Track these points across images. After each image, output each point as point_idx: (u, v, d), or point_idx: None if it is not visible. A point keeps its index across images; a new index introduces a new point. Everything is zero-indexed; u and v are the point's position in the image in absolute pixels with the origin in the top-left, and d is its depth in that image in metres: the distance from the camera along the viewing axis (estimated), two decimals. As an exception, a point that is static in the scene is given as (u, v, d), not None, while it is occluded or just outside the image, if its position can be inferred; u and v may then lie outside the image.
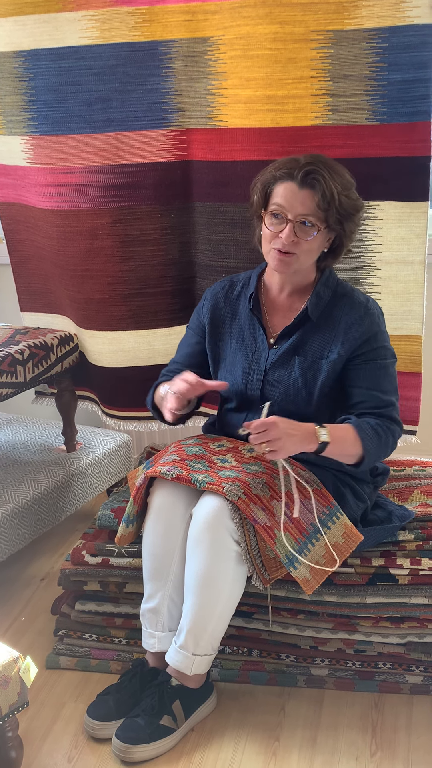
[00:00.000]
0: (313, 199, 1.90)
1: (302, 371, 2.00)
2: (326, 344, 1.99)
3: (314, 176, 1.90)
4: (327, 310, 2.01)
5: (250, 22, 2.12)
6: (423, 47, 2.04)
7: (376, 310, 2.02)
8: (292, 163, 1.94)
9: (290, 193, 1.92)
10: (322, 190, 1.89)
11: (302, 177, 1.90)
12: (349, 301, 2.01)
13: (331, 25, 2.08)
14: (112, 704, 1.93)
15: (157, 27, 2.21)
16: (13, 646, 1.77)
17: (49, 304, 2.73)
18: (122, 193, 2.37)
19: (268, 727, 1.95)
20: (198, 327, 2.17)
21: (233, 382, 2.07)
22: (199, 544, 1.86)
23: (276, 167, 1.96)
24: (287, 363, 2.02)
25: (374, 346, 1.98)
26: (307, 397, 2.00)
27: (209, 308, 2.14)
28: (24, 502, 2.39)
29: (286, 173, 1.93)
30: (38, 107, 2.37)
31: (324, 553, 1.89)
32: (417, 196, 2.17)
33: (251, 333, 2.08)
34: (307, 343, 2.01)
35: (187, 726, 1.92)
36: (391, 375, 2.01)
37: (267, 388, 2.03)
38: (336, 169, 1.94)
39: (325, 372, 1.98)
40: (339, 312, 2.00)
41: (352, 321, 1.98)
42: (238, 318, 2.10)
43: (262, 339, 2.06)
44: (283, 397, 2.01)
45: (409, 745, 1.89)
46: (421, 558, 2.02)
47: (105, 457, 2.72)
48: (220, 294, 2.14)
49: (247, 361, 2.06)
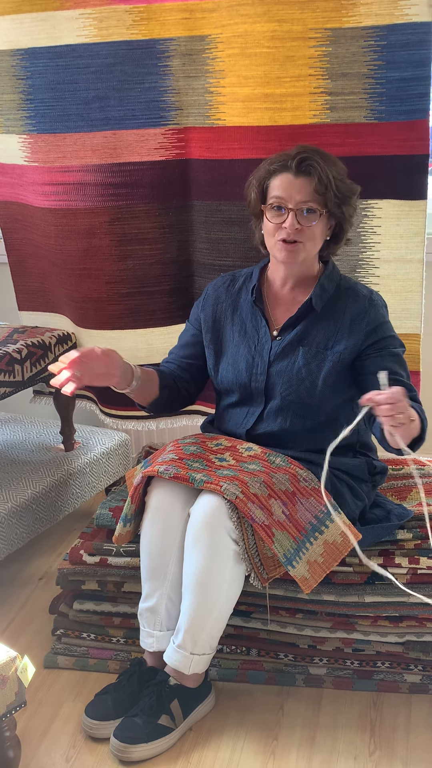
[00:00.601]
0: (310, 185, 1.92)
1: (306, 361, 2.00)
2: (331, 335, 2.00)
3: (308, 162, 1.92)
4: (331, 301, 2.02)
5: (248, 20, 2.12)
6: (421, 45, 2.04)
7: (380, 301, 2.03)
8: (283, 156, 1.97)
9: (287, 183, 1.94)
10: (318, 174, 1.92)
11: (297, 165, 1.93)
12: (353, 293, 2.02)
13: (330, 23, 2.08)
14: (110, 704, 1.92)
15: (155, 25, 2.21)
16: (11, 646, 1.76)
17: (47, 303, 2.73)
18: (120, 192, 2.37)
19: (266, 726, 1.95)
20: (196, 321, 2.18)
21: (236, 375, 2.07)
22: (197, 544, 1.86)
23: (269, 162, 1.99)
24: (291, 354, 2.02)
25: (383, 335, 1.99)
26: (311, 387, 2.00)
27: (210, 303, 2.14)
28: (22, 501, 2.39)
29: (280, 165, 1.95)
30: (36, 106, 2.37)
31: (322, 551, 1.89)
32: (415, 195, 2.17)
33: (253, 325, 2.08)
34: (311, 334, 2.02)
35: (185, 725, 1.92)
36: (404, 363, 2.01)
37: (271, 380, 2.03)
38: (328, 156, 1.98)
39: (330, 363, 1.98)
40: (343, 304, 2.01)
41: (357, 312, 1.99)
42: (239, 311, 2.10)
43: (264, 331, 2.06)
44: (287, 387, 2.01)
45: (408, 744, 1.88)
46: (420, 557, 2.01)
47: (103, 457, 2.72)
48: (221, 288, 2.15)
49: (250, 353, 2.06)
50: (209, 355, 2.14)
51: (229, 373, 2.08)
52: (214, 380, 2.15)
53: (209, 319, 2.14)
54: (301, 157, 1.93)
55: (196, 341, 2.17)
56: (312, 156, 1.94)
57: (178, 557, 1.93)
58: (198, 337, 2.16)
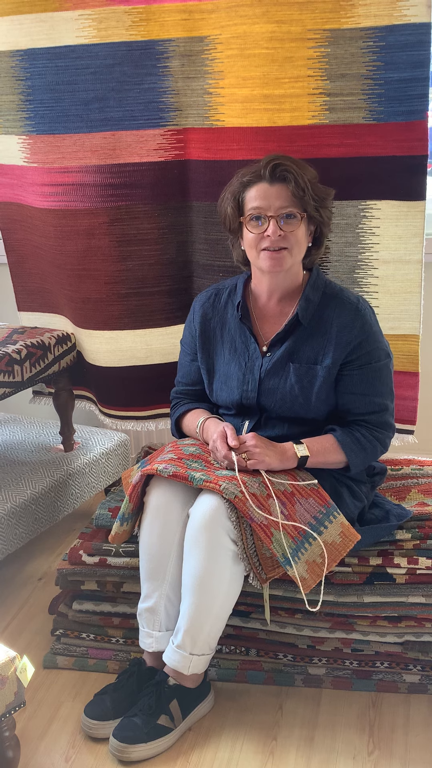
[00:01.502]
0: (287, 190, 1.93)
1: (298, 378, 2.00)
2: (320, 349, 1.99)
3: (283, 168, 1.93)
4: (318, 312, 2.01)
5: (247, 21, 2.12)
6: (420, 46, 2.04)
7: (368, 309, 2.02)
8: (254, 167, 1.97)
9: (264, 192, 1.94)
10: (294, 179, 1.92)
11: (270, 173, 1.93)
12: (339, 302, 2.01)
13: (328, 24, 2.08)
14: (110, 704, 1.92)
15: (154, 26, 2.21)
16: (10, 646, 1.77)
17: (46, 304, 2.73)
18: (119, 193, 2.37)
19: (265, 726, 1.95)
20: (190, 343, 2.17)
21: (229, 393, 2.07)
22: (196, 544, 1.86)
23: (241, 175, 1.99)
24: (282, 370, 2.02)
25: (367, 349, 1.98)
26: (304, 403, 2.00)
27: (199, 320, 2.13)
28: (21, 501, 2.39)
29: (254, 176, 1.96)
30: (35, 106, 2.37)
31: (321, 552, 1.89)
32: (414, 195, 2.17)
33: (243, 342, 2.07)
34: (301, 349, 2.01)
35: (184, 725, 1.92)
36: (385, 377, 2.01)
37: (263, 397, 2.03)
38: (299, 161, 1.98)
39: (321, 378, 1.99)
40: (330, 314, 2.00)
41: (344, 324, 1.98)
42: (228, 327, 2.10)
43: (254, 347, 2.05)
44: (281, 404, 2.01)
45: (407, 744, 1.89)
46: (419, 557, 2.01)
47: (102, 457, 2.72)
48: (207, 304, 2.14)
49: (241, 370, 2.06)
50: (203, 373, 2.14)
51: (222, 392, 2.09)
52: (210, 396, 2.15)
53: (200, 338, 2.13)
54: (274, 164, 1.93)
55: (197, 367, 2.16)
56: (284, 162, 1.94)
57: (177, 558, 1.94)
58: (197, 362, 2.16)
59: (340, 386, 2.00)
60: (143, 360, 2.55)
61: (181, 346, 2.22)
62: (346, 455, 1.97)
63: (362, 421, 2.00)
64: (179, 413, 2.18)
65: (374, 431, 1.99)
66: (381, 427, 2.01)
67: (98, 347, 2.57)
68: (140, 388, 2.59)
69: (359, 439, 1.98)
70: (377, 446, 2.01)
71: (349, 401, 2.00)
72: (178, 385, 2.23)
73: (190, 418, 2.14)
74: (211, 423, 2.05)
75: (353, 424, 2.00)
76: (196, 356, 2.15)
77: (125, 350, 2.55)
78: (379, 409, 2.00)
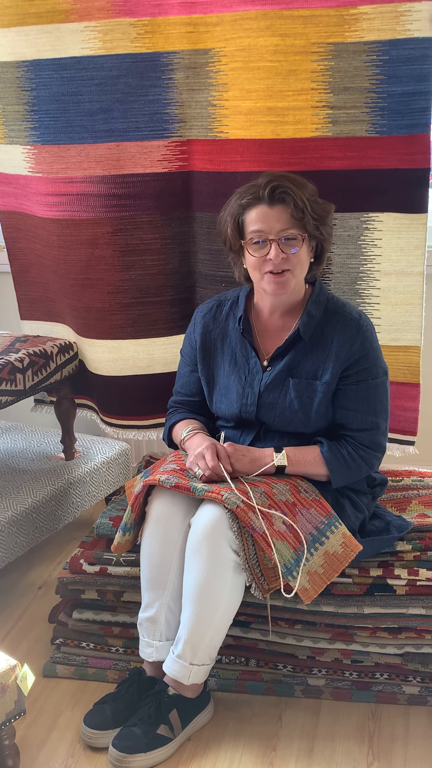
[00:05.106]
0: (287, 212, 1.92)
1: (297, 393, 2.00)
2: (320, 364, 2.00)
3: (281, 190, 1.92)
4: (319, 328, 2.01)
5: (252, 34, 2.14)
6: (423, 60, 2.05)
7: (369, 326, 2.02)
8: (253, 187, 1.96)
9: (263, 215, 1.93)
10: (292, 200, 1.91)
11: (269, 195, 1.92)
12: (341, 318, 2.01)
13: (332, 37, 2.09)
14: (109, 713, 1.92)
15: (159, 38, 2.23)
16: (10, 654, 1.77)
17: (49, 313, 2.74)
18: (123, 203, 2.39)
19: (265, 736, 1.95)
20: (190, 354, 2.17)
21: (228, 406, 2.07)
22: (197, 554, 1.86)
23: (239, 197, 1.98)
24: (281, 385, 2.02)
25: (365, 365, 1.99)
26: (304, 418, 2.00)
27: (200, 332, 2.14)
28: (22, 510, 2.39)
29: (252, 198, 1.95)
30: (40, 117, 2.39)
31: (322, 562, 1.89)
32: (416, 208, 2.18)
33: (243, 355, 2.08)
34: (301, 364, 2.01)
35: (183, 735, 1.92)
36: (380, 394, 2.01)
37: (262, 411, 2.03)
38: (297, 179, 1.97)
39: (320, 393, 1.99)
40: (331, 329, 2.00)
41: (344, 340, 1.98)
42: (228, 339, 2.10)
43: (255, 361, 2.06)
44: (280, 419, 2.01)
45: (406, 756, 1.88)
46: (419, 568, 2.02)
47: (103, 466, 2.73)
48: (208, 316, 2.15)
49: (240, 384, 2.06)
50: (203, 384, 2.15)
51: (222, 404, 2.09)
52: (210, 407, 2.15)
53: (200, 350, 2.13)
54: (272, 186, 1.92)
55: (197, 378, 2.17)
56: (282, 182, 1.93)
57: (178, 567, 1.94)
58: (196, 372, 2.16)
59: (336, 401, 2.00)
60: (145, 369, 2.56)
61: (181, 356, 2.23)
62: (330, 472, 1.97)
63: (351, 438, 2.00)
64: (173, 422, 2.18)
65: (361, 450, 1.99)
66: (369, 446, 2.00)
67: (100, 356, 2.58)
68: (142, 397, 2.59)
69: (345, 456, 1.98)
70: (362, 466, 2.00)
71: (343, 417, 2.01)
72: (176, 395, 2.24)
73: (180, 427, 2.14)
74: (198, 437, 2.05)
75: (342, 439, 2.01)
76: (196, 367, 2.16)
77: (127, 359, 2.55)
78: (371, 427, 2.00)
